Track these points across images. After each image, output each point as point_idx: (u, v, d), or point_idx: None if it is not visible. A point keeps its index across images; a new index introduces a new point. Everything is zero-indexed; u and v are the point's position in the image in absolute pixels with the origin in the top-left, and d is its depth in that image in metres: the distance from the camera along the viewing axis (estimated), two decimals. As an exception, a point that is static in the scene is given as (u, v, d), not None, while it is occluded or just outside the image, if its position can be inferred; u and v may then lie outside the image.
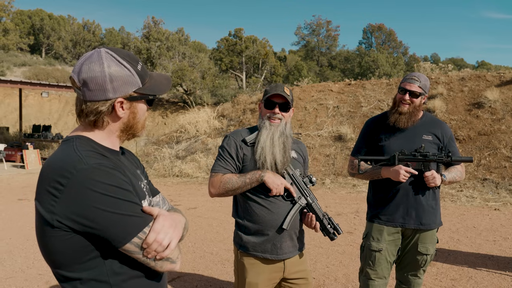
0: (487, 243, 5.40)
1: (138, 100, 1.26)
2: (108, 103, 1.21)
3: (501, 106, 10.61)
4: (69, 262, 1.15)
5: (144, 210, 1.18)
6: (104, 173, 1.12)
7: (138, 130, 1.30)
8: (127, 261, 1.19)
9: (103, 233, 1.11)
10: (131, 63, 1.23)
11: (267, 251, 2.21)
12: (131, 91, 1.23)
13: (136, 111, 1.27)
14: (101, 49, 1.23)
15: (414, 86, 2.61)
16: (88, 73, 1.18)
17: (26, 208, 7.58)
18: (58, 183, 1.10)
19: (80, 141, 1.20)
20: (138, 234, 1.13)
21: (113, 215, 1.11)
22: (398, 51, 57.66)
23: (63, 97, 28.94)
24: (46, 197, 1.11)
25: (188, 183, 10.48)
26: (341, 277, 4.28)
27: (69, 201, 1.09)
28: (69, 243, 1.12)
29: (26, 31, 46.89)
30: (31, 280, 4.25)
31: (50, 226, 1.11)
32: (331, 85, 14.37)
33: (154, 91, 1.28)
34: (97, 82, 1.18)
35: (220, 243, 5.45)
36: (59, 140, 14.52)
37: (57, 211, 1.09)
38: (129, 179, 1.21)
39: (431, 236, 2.68)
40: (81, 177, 1.10)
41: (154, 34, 33.36)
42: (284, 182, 2.18)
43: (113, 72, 1.19)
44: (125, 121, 1.26)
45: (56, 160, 1.16)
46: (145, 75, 1.27)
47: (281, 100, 2.24)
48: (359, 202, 7.94)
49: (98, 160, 1.15)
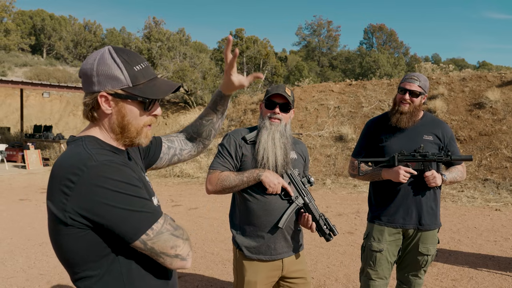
0: (488, 243, 5.40)
1: (124, 99, 1.23)
2: (93, 96, 1.22)
3: (502, 106, 10.60)
4: (84, 260, 1.16)
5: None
6: (114, 170, 1.14)
7: (132, 134, 1.27)
8: (140, 258, 1.20)
9: (114, 229, 1.12)
10: (127, 63, 1.22)
11: (261, 253, 2.22)
12: (117, 88, 1.21)
13: (125, 112, 1.24)
14: (107, 47, 1.25)
15: (414, 86, 2.61)
16: (83, 66, 1.24)
17: (27, 208, 7.60)
18: (69, 181, 1.11)
19: (89, 140, 1.22)
20: (147, 231, 1.14)
21: (123, 211, 1.11)
22: (399, 51, 57.69)
23: (64, 97, 28.97)
24: (58, 195, 1.12)
25: (189, 183, 10.49)
26: (342, 277, 4.28)
27: (80, 198, 1.10)
28: (83, 240, 1.13)
29: (27, 31, 46.98)
30: (33, 280, 4.26)
31: (64, 224, 1.12)
32: (332, 86, 14.36)
33: (146, 93, 1.23)
34: (87, 74, 1.22)
35: (221, 243, 5.46)
36: (60, 140, 14.53)
37: (68, 209, 1.11)
38: (138, 175, 1.23)
39: (432, 236, 2.68)
40: (91, 174, 1.11)
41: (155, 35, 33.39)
42: (282, 181, 2.18)
43: (101, 66, 1.20)
44: (114, 120, 1.25)
45: (67, 159, 1.17)
46: (142, 77, 1.24)
47: (282, 101, 2.24)
48: (360, 202, 7.94)
49: (108, 157, 1.17)
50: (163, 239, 1.16)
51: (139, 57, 1.27)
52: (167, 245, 1.17)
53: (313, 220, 2.22)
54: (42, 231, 5.97)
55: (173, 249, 1.18)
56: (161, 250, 1.17)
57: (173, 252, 1.18)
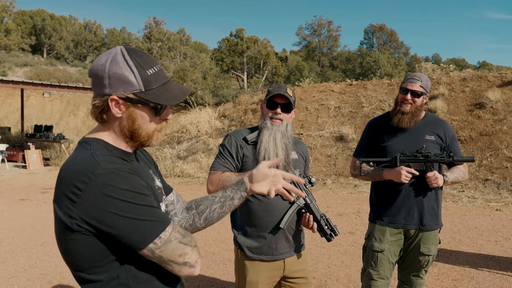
0: (489, 243, 5.40)
1: (135, 103, 1.19)
2: (104, 99, 1.19)
3: (502, 106, 10.60)
4: (90, 264, 1.16)
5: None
6: (121, 178, 1.12)
7: (143, 138, 1.25)
8: (146, 264, 1.19)
9: (121, 238, 1.11)
10: (140, 66, 1.19)
11: (263, 253, 2.23)
12: (129, 92, 1.18)
13: (135, 116, 1.21)
14: (120, 47, 1.22)
15: (416, 86, 2.61)
16: (94, 67, 1.20)
17: (28, 208, 7.60)
18: (76, 188, 1.10)
19: (97, 144, 1.20)
20: (154, 240, 1.13)
21: (130, 220, 1.11)
22: (400, 51, 57.62)
23: (65, 97, 28.98)
24: (64, 201, 1.12)
25: (190, 183, 10.49)
26: (342, 277, 4.29)
27: (87, 206, 1.09)
28: (89, 246, 1.13)
29: (27, 31, 46.98)
30: (34, 280, 4.26)
31: (70, 230, 1.12)
32: (332, 86, 14.36)
33: (158, 99, 1.20)
34: (98, 76, 1.18)
35: (222, 243, 5.46)
36: (61, 140, 14.54)
37: (75, 216, 1.10)
38: (146, 183, 1.21)
39: (433, 236, 2.68)
40: (99, 182, 1.09)
41: (156, 35, 33.41)
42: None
43: (113, 69, 1.16)
44: (124, 125, 1.22)
45: (74, 164, 1.16)
46: (154, 81, 1.21)
47: (284, 101, 2.24)
48: (361, 202, 7.94)
49: (116, 165, 1.15)
50: (171, 248, 1.15)
51: (152, 59, 1.24)
52: (176, 253, 1.16)
53: (314, 221, 2.22)
54: (43, 231, 5.98)
55: (182, 257, 1.17)
56: (169, 258, 1.16)
57: (182, 260, 1.17)
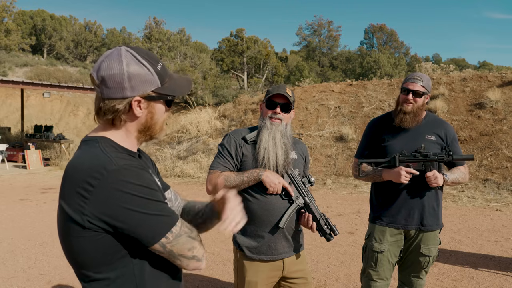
0: (489, 243, 5.39)
1: (156, 100, 1.23)
2: (125, 102, 1.19)
3: (502, 106, 10.59)
4: (97, 263, 1.15)
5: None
6: (133, 174, 1.13)
7: (156, 131, 1.27)
8: (153, 260, 1.20)
9: (132, 233, 1.12)
10: (151, 63, 1.21)
11: (262, 253, 2.22)
12: (149, 90, 1.20)
13: (154, 111, 1.24)
14: (121, 47, 1.22)
15: (417, 86, 2.60)
16: (106, 71, 1.17)
17: (28, 208, 7.60)
18: (88, 184, 1.10)
19: (104, 142, 1.20)
20: (166, 234, 1.14)
21: (142, 215, 1.11)
22: (400, 51, 57.63)
23: (65, 97, 28.99)
24: (75, 198, 1.11)
25: (190, 184, 10.49)
26: (342, 278, 4.28)
27: (100, 202, 1.09)
28: (99, 243, 1.13)
29: (28, 31, 46.98)
30: (33, 280, 4.26)
31: (81, 226, 1.11)
32: (332, 86, 14.36)
33: (174, 91, 1.25)
34: (115, 80, 1.17)
35: (222, 243, 5.46)
36: (61, 140, 14.53)
37: (87, 212, 1.10)
38: (154, 179, 1.23)
39: (434, 237, 2.68)
40: (112, 178, 1.10)
41: (156, 35, 33.43)
42: (282, 181, 2.18)
43: (131, 70, 1.17)
44: (142, 121, 1.24)
45: (84, 161, 1.15)
46: (165, 75, 1.25)
47: (283, 101, 2.24)
48: (361, 202, 7.94)
49: (127, 161, 1.16)
50: (181, 242, 1.17)
51: (154, 55, 1.27)
52: (185, 247, 1.18)
53: (313, 220, 2.22)
54: (42, 231, 5.97)
55: (190, 251, 1.19)
56: (179, 252, 1.17)
57: (190, 254, 1.19)
